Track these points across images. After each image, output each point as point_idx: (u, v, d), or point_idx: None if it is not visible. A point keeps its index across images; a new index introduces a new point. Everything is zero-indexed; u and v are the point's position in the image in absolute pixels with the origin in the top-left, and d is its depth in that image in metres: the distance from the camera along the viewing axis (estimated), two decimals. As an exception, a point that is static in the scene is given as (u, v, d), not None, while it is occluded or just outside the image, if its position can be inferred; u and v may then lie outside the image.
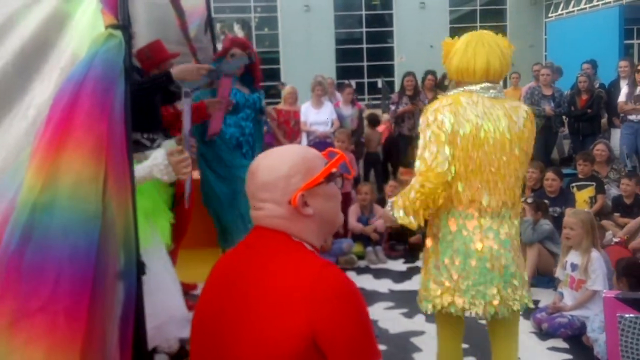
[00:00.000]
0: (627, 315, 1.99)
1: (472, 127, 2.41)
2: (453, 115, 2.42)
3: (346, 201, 5.95)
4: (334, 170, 1.39)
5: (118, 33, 1.56)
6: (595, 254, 3.97)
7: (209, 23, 5.06)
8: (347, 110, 8.24)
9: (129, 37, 1.61)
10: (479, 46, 2.49)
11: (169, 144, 2.93)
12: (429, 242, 2.65)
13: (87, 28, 1.66)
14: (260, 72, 5.13)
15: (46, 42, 1.68)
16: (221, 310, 1.34)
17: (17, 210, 1.41)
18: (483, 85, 2.49)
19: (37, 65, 1.65)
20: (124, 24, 1.60)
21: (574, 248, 4.09)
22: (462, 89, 2.54)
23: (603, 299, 2.17)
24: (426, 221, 2.56)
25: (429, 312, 2.67)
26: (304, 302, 1.22)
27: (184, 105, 2.86)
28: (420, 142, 2.50)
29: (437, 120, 2.44)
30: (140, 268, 1.60)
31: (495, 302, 2.48)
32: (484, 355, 3.58)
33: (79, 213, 1.40)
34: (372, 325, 1.33)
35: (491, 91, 2.49)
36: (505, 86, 14.72)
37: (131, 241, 1.54)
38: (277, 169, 1.35)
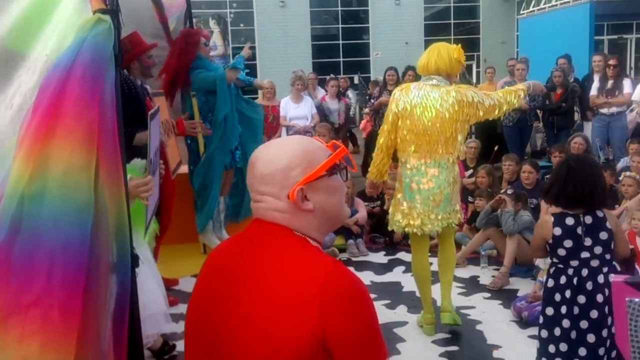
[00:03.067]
0: (636, 300, 1.96)
1: (412, 104, 3.59)
2: (402, 96, 3.66)
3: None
4: (337, 162, 1.33)
5: (107, 18, 1.52)
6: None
7: (189, 16, 5.01)
8: (334, 105, 8.26)
9: (117, 22, 1.56)
10: (426, 51, 3.74)
11: (138, 166, 2.86)
12: (397, 185, 3.86)
13: (73, 14, 1.62)
14: None
15: (31, 29, 1.63)
16: (220, 304, 1.28)
17: (4, 201, 1.36)
18: (427, 77, 3.69)
19: (22, 52, 1.60)
20: (112, 8, 1.55)
21: (555, 237, 4.12)
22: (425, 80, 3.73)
23: (612, 283, 2.15)
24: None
25: (395, 231, 4.26)
26: (313, 302, 1.17)
27: (150, 126, 2.78)
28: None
29: (394, 98, 3.72)
30: (134, 260, 1.55)
31: (437, 223, 3.68)
32: (471, 350, 3.75)
33: (70, 202, 1.35)
34: (379, 326, 1.29)
35: (433, 81, 3.65)
36: (479, 81, 14.80)
37: (124, 232, 1.49)
38: (275, 161, 1.28)
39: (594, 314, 2.81)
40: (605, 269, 2.86)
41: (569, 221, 2.88)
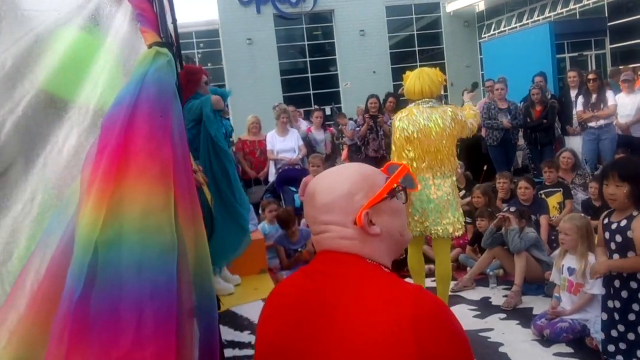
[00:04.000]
0: None
1: (421, 126, 3.92)
2: (409, 119, 3.95)
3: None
4: (395, 185, 1.30)
5: (165, 50, 1.44)
6: (592, 257, 3.99)
7: (179, 55, 4.94)
8: (320, 135, 8.23)
9: (173, 54, 1.49)
10: (416, 77, 4.01)
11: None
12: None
13: (122, 51, 1.54)
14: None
15: (76, 72, 1.55)
16: (298, 345, 1.19)
17: (77, 251, 1.24)
18: (423, 100, 4.00)
19: (68, 97, 1.50)
20: (168, 41, 1.47)
21: (570, 252, 4.13)
22: (413, 104, 4.05)
23: None
24: None
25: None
26: (407, 331, 1.10)
27: None
28: (392, 140, 4.16)
29: (399, 123, 3.99)
30: (218, 302, 1.44)
31: (448, 227, 4.03)
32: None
33: (152, 246, 1.25)
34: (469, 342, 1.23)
35: (429, 103, 3.99)
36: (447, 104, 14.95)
37: (205, 272, 1.39)
38: (337, 188, 1.25)
39: None
40: None
41: None
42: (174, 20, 4.87)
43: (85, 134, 1.43)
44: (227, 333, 4.27)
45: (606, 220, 3.22)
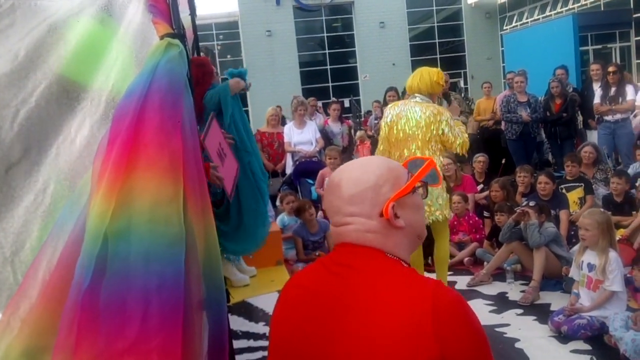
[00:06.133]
0: None
1: (398, 115, 4.28)
2: (391, 110, 4.38)
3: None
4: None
5: (177, 42, 1.43)
6: (613, 254, 3.93)
7: (197, 47, 4.95)
8: (337, 128, 8.20)
9: (185, 46, 1.48)
10: (412, 75, 4.45)
11: None
12: None
13: (134, 42, 1.54)
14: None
15: (89, 60, 1.55)
16: (316, 338, 1.18)
17: (85, 242, 1.25)
18: (413, 95, 4.36)
19: (83, 83, 1.51)
20: (179, 32, 1.46)
21: (590, 248, 4.06)
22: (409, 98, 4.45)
23: None
24: None
25: None
26: (427, 325, 1.11)
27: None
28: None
29: (384, 114, 4.49)
30: (227, 295, 1.44)
31: (437, 213, 4.28)
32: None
33: (160, 238, 1.25)
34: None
35: (417, 98, 4.31)
36: (466, 98, 14.78)
37: (214, 265, 1.39)
38: (363, 180, 1.25)
39: None
40: None
41: None
42: (193, 12, 4.89)
43: (97, 125, 1.43)
44: (242, 324, 4.29)
45: None
